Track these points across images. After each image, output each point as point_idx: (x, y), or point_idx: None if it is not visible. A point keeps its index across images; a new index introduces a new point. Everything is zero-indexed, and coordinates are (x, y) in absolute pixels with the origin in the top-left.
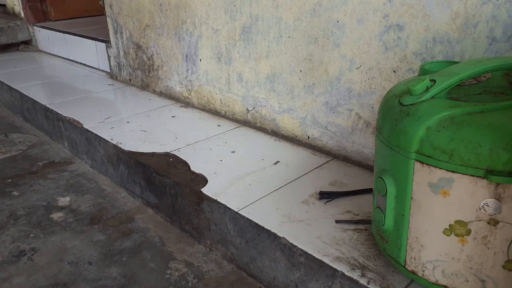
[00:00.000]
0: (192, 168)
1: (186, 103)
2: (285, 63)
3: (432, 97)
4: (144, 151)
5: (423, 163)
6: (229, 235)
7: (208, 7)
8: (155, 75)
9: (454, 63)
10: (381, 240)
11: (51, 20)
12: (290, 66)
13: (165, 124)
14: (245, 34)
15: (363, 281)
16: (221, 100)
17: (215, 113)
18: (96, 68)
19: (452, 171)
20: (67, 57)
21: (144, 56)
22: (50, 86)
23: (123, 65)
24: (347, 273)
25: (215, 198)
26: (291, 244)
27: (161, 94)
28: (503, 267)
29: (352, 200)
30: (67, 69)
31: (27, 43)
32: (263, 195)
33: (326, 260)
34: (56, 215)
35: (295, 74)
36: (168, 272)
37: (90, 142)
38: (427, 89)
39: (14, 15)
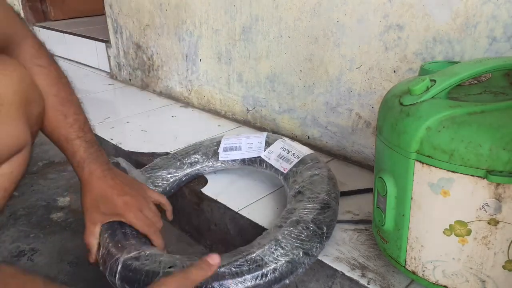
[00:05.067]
0: None
1: (186, 103)
2: (285, 63)
3: (432, 97)
4: (144, 151)
5: (423, 163)
6: (229, 235)
7: (208, 7)
8: (155, 75)
9: (454, 63)
10: (381, 240)
11: (51, 20)
12: (290, 66)
13: (165, 124)
14: (245, 34)
15: (363, 281)
16: (221, 100)
17: (215, 113)
18: (96, 68)
19: (452, 171)
20: (67, 57)
21: (144, 56)
22: None
23: (123, 65)
24: (347, 273)
25: (215, 198)
26: None
27: (161, 94)
28: (504, 267)
29: (352, 200)
30: (67, 69)
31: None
32: (263, 195)
33: (326, 260)
34: (56, 215)
35: (295, 74)
36: None
37: None
38: (427, 89)
39: None
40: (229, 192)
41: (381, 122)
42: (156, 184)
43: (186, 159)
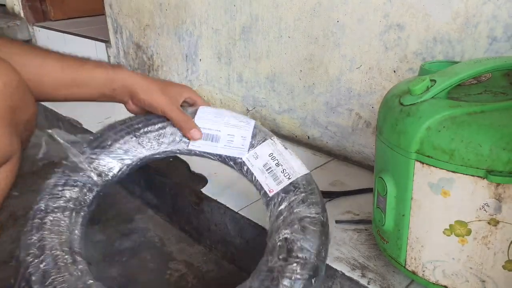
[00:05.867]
0: (192, 168)
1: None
2: (285, 63)
3: (433, 97)
4: None
5: (423, 163)
6: (229, 235)
7: (208, 6)
8: (155, 75)
9: (454, 63)
10: (381, 240)
11: (51, 20)
12: (290, 66)
13: None
14: (245, 34)
15: (363, 281)
16: (221, 100)
17: None
18: None
19: (453, 171)
20: None
21: (144, 56)
22: None
23: (123, 65)
24: (347, 273)
25: (215, 198)
26: None
27: None
28: (503, 267)
29: (352, 200)
30: None
31: (27, 43)
32: None
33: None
34: None
35: (295, 74)
36: (168, 272)
37: None
38: (428, 89)
39: (13, 15)
40: (229, 192)
41: (381, 122)
42: (101, 170)
43: (148, 134)
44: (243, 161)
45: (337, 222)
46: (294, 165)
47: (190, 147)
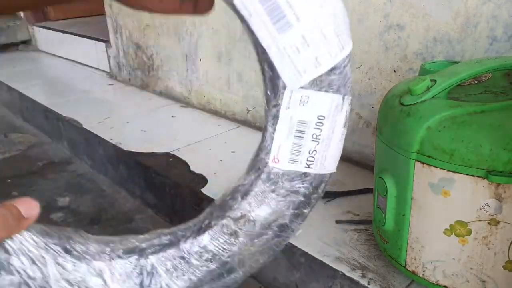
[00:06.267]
0: (192, 168)
1: (186, 103)
2: None
3: (433, 97)
4: (144, 151)
5: (423, 163)
6: None
7: None
8: (154, 75)
9: (454, 63)
10: (382, 241)
11: (51, 20)
12: None
13: (165, 124)
14: (245, 34)
15: (363, 282)
16: (221, 100)
17: (215, 113)
18: (96, 68)
19: (453, 171)
20: (67, 57)
21: (144, 56)
22: (50, 86)
23: (123, 65)
24: (347, 274)
25: (215, 199)
26: (291, 244)
27: (161, 94)
28: (504, 267)
29: (352, 200)
30: (66, 69)
31: (27, 43)
32: None
33: (326, 260)
34: (56, 215)
35: None
36: None
37: (90, 142)
38: (428, 89)
39: (13, 15)
40: None
41: (381, 122)
42: None
43: None
44: (284, 92)
45: (337, 222)
46: (330, 155)
47: (236, 2)
